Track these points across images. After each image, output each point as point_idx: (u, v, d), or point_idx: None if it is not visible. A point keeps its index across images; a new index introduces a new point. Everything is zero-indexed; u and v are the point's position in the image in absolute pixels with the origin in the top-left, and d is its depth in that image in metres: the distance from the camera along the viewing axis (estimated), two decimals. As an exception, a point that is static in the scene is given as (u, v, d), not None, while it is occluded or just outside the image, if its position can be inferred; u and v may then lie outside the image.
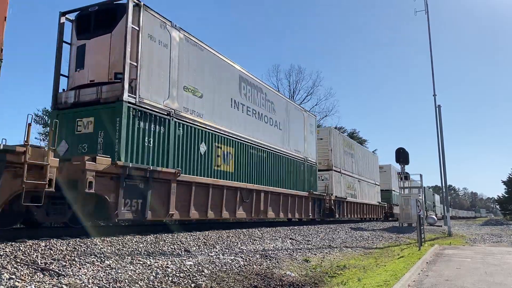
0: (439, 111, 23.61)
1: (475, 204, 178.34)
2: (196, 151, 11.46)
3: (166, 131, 10.34)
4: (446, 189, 25.41)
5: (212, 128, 12.27)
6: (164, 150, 10.22)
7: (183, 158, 10.88)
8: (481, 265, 8.84)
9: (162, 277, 5.74)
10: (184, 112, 11.08)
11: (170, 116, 10.50)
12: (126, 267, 5.90)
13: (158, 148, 10.02)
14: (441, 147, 23.12)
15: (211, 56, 12.71)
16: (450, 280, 6.95)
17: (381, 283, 6.85)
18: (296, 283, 6.73)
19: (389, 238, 16.68)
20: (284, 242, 11.37)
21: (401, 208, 24.86)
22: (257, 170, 14.82)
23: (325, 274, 7.81)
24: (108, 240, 7.41)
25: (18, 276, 4.80)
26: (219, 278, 6.22)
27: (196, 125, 11.54)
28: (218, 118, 12.63)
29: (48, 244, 6.33)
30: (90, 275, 5.23)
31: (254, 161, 14.61)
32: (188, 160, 11.09)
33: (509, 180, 55.65)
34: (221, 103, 12.95)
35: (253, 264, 7.54)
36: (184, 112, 11.08)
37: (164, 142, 10.22)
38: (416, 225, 14.30)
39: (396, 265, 9.06)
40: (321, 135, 23.06)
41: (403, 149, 25.09)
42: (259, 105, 15.55)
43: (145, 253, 7.11)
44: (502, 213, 65.65)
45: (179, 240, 8.71)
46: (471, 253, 11.48)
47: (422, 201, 26.17)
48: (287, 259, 8.58)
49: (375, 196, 32.39)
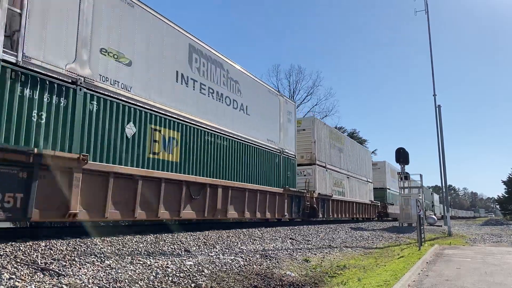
0: (439, 111, 23.60)
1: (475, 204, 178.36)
2: (120, 134, 8.96)
3: (71, 104, 7.90)
4: (446, 189, 25.41)
5: (147, 105, 9.76)
6: (66, 129, 7.79)
7: (98, 142, 8.41)
8: (481, 265, 8.84)
9: (162, 277, 5.74)
10: (100, 81, 8.61)
11: (77, 85, 8.06)
12: (126, 267, 5.90)
13: (56, 126, 7.60)
14: (441, 147, 23.13)
15: (147, 16, 10.10)
16: (450, 280, 6.94)
17: (381, 283, 6.85)
18: (296, 283, 6.73)
19: (389, 238, 16.68)
20: (284, 242, 11.37)
21: (401, 208, 24.85)
22: (216, 161, 12.31)
23: (325, 274, 7.81)
24: (108, 240, 7.41)
25: (18, 276, 4.80)
26: (219, 278, 6.22)
27: (121, 100, 9.06)
28: (156, 93, 10.15)
29: (48, 244, 6.33)
30: (90, 275, 5.23)
31: (211, 151, 12.09)
32: (106, 145, 8.60)
33: (509, 180, 55.65)
34: (161, 75, 10.44)
35: (253, 264, 7.54)
36: (100, 82, 8.60)
37: (66, 119, 7.80)
38: (416, 225, 14.30)
39: (396, 265, 9.06)
40: (303, 125, 20.83)
41: (403, 149, 25.09)
42: (219, 83, 12.86)
43: (145, 253, 7.12)
44: (502, 213, 65.64)
45: (179, 240, 8.71)
46: (471, 253, 11.48)
47: (422, 201, 26.15)
48: (287, 259, 8.58)
49: (367, 194, 30.08)
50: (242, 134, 13.93)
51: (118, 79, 9.12)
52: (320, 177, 20.94)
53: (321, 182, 20.89)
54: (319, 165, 20.90)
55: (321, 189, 20.67)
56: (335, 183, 23.14)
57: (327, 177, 21.92)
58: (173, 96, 10.79)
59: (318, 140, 21.22)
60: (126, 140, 9.16)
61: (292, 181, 17.48)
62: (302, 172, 20.03)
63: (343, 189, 24.52)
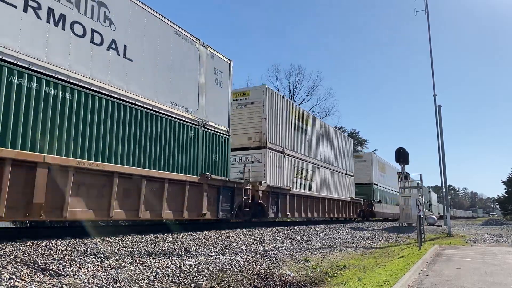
0: (439, 111, 23.60)
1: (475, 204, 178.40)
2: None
3: None
4: (446, 189, 25.41)
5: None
6: None
7: None
8: (481, 265, 8.84)
9: (162, 277, 5.74)
10: None
11: None
12: (126, 267, 5.90)
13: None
14: (441, 147, 23.13)
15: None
16: (450, 280, 6.95)
17: (381, 283, 6.85)
18: (296, 283, 6.73)
19: (389, 238, 16.69)
20: (284, 242, 11.38)
21: (401, 208, 24.85)
22: (54, 127, 7.54)
23: (325, 274, 7.81)
24: (108, 240, 7.41)
25: (18, 276, 4.80)
26: (219, 278, 6.23)
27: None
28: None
29: (48, 244, 6.33)
30: (90, 275, 5.23)
31: (40, 109, 7.34)
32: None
33: (509, 180, 55.67)
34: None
35: (253, 264, 7.54)
36: None
37: None
38: (416, 225, 14.30)
39: (396, 265, 9.06)
40: (252, 97, 16.20)
41: (403, 149, 25.10)
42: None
43: (145, 253, 7.12)
44: (502, 213, 65.65)
45: (179, 240, 8.72)
46: (471, 253, 11.48)
47: (422, 201, 26.14)
48: (287, 259, 8.58)
49: (346, 189, 25.63)
50: (110, 86, 8.86)
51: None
52: (273, 165, 16.22)
53: (274, 171, 16.18)
54: (272, 149, 16.25)
55: (274, 180, 16.01)
56: (298, 174, 18.51)
57: (284, 166, 17.13)
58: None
59: (272, 117, 16.53)
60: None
61: (223, 167, 12.51)
62: (249, 158, 15.73)
63: (310, 181, 19.85)
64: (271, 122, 16.41)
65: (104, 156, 8.49)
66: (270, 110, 16.47)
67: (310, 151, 20.44)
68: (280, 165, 16.88)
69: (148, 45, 10.12)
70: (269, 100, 16.45)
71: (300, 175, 18.81)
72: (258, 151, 15.81)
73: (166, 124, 10.38)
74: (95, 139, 8.33)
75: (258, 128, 16.02)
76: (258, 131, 16.01)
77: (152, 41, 10.24)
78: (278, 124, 17.17)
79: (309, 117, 21.06)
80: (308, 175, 19.81)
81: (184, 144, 10.97)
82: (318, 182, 21.02)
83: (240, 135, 16.01)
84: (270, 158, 15.99)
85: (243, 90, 16.81)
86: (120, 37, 9.33)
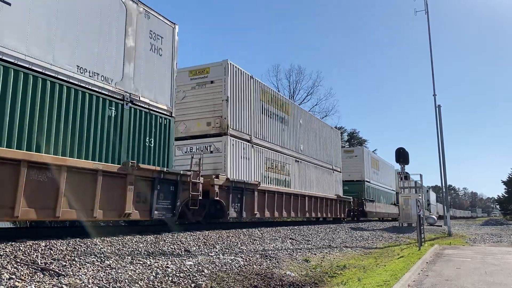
0: (439, 111, 23.62)
1: (475, 204, 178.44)
2: None
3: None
4: (446, 189, 25.42)
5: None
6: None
7: None
8: (481, 265, 8.84)
9: (162, 277, 5.74)
10: None
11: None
12: (126, 267, 5.90)
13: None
14: (441, 147, 23.14)
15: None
16: (450, 280, 6.95)
17: (381, 283, 6.85)
18: (296, 283, 6.74)
19: (389, 238, 16.69)
20: (284, 242, 11.38)
21: (401, 208, 24.87)
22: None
23: (325, 274, 7.81)
24: (108, 240, 7.41)
25: (18, 276, 4.80)
26: (219, 278, 6.23)
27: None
28: None
29: (48, 244, 6.33)
30: (90, 275, 5.23)
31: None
32: None
33: (509, 180, 55.66)
34: None
35: (253, 264, 7.54)
36: None
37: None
38: (416, 225, 14.30)
39: (396, 265, 9.06)
40: (212, 75, 13.64)
41: (403, 149, 25.11)
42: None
43: (145, 253, 7.12)
44: (502, 213, 65.66)
45: (179, 240, 8.72)
46: (471, 253, 11.48)
47: (422, 201, 26.13)
48: (287, 259, 8.58)
49: (332, 186, 23.20)
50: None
51: None
52: (237, 155, 13.67)
53: (238, 163, 13.68)
54: (236, 137, 13.72)
55: (237, 173, 13.57)
56: (271, 168, 16.03)
57: (252, 157, 14.64)
58: None
59: (236, 99, 13.88)
60: None
61: (162, 155, 10.08)
62: (208, 147, 13.25)
63: (287, 176, 17.43)
64: (234, 105, 13.77)
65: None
66: (234, 91, 13.82)
67: (287, 142, 17.84)
68: (247, 156, 14.30)
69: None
70: (233, 78, 13.84)
71: (274, 168, 16.26)
72: (218, 139, 13.24)
73: (70, 95, 7.80)
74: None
75: (218, 112, 13.37)
76: (218, 115, 13.36)
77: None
78: (245, 108, 14.49)
79: (287, 104, 18.47)
80: (285, 169, 17.23)
81: (100, 123, 8.43)
82: (297, 178, 18.40)
83: (198, 120, 13.62)
84: (233, 147, 13.49)
85: (201, 67, 14.01)
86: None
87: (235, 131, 13.69)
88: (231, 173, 13.15)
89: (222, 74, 13.58)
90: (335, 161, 24.44)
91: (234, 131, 13.67)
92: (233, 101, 13.71)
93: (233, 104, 13.72)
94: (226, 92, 13.42)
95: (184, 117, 13.74)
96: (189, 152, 13.33)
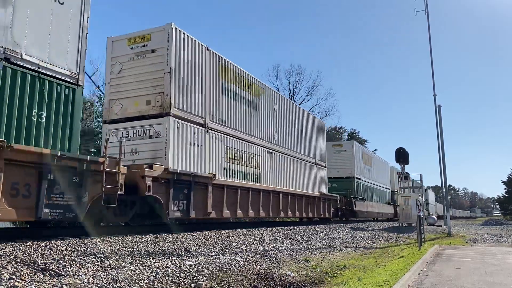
0: (439, 111, 23.63)
1: (475, 204, 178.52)
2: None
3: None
4: (446, 189, 25.44)
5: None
6: None
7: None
8: (481, 265, 8.84)
9: (162, 277, 5.74)
10: None
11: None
12: (126, 267, 5.90)
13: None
14: (441, 147, 23.15)
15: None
16: (450, 280, 6.95)
17: (381, 283, 6.85)
18: (296, 283, 6.74)
19: (389, 238, 16.70)
20: (284, 242, 11.38)
21: (401, 208, 24.88)
22: None
23: (325, 274, 7.82)
24: (108, 240, 7.41)
25: (18, 276, 4.81)
26: (219, 278, 6.23)
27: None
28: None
29: (48, 244, 6.34)
30: (90, 275, 5.23)
31: None
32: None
33: (509, 180, 55.70)
34: None
35: (253, 264, 7.54)
36: None
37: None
38: (416, 225, 14.31)
39: (396, 265, 9.06)
40: (154, 42, 11.26)
41: (403, 149, 25.15)
42: None
43: (145, 253, 7.12)
44: (502, 213, 65.69)
45: (179, 240, 8.72)
46: (471, 253, 11.48)
47: (422, 201, 26.14)
48: (287, 259, 8.59)
49: (315, 182, 20.66)
50: None
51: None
52: (183, 141, 11.18)
53: (184, 151, 11.15)
54: (182, 119, 11.20)
55: (183, 163, 11.05)
56: (233, 158, 13.48)
57: (207, 144, 12.14)
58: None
59: (183, 72, 11.37)
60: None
61: (61, 135, 7.82)
62: (147, 131, 10.88)
63: (256, 170, 14.88)
64: (181, 80, 11.26)
65: None
66: (181, 62, 11.34)
67: (257, 129, 15.37)
68: (199, 143, 11.81)
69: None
70: (180, 47, 11.36)
71: (238, 160, 13.75)
72: (159, 120, 10.79)
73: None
74: None
75: (159, 88, 10.93)
76: (160, 91, 10.91)
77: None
78: (197, 85, 11.94)
79: (257, 85, 15.71)
80: (253, 161, 14.67)
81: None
82: (270, 171, 15.94)
83: (137, 99, 11.22)
84: (179, 132, 11.02)
85: (141, 33, 11.60)
86: None
87: (181, 112, 11.19)
88: (175, 162, 10.69)
89: (165, 41, 11.09)
90: (319, 154, 21.88)
91: (180, 111, 11.16)
92: (179, 75, 11.21)
93: (180, 79, 11.24)
94: (169, 62, 10.89)
95: (120, 94, 11.45)
96: (125, 137, 11.14)
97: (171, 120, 10.75)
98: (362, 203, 28.40)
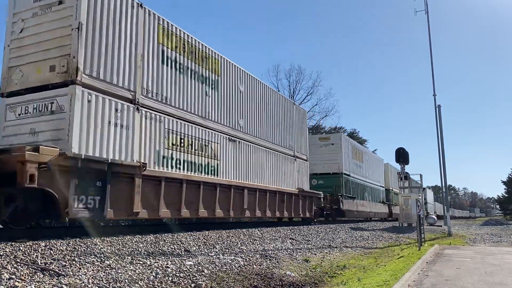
0: (439, 111, 23.62)
1: (475, 204, 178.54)
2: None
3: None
4: (446, 189, 25.45)
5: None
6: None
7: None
8: (481, 265, 8.84)
9: (162, 277, 5.74)
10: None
11: None
12: (126, 267, 5.90)
13: None
14: (441, 147, 23.14)
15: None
16: (450, 280, 6.95)
17: (381, 283, 6.85)
18: (296, 283, 6.74)
19: (389, 238, 16.70)
20: (284, 242, 11.38)
21: (401, 208, 24.89)
22: None
23: (325, 274, 7.82)
24: (108, 240, 7.41)
25: (18, 276, 4.80)
26: (219, 278, 6.23)
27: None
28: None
29: (48, 244, 6.34)
30: (90, 275, 5.23)
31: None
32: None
33: (509, 180, 55.70)
34: None
35: (253, 264, 7.54)
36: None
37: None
38: (416, 225, 14.31)
39: (396, 265, 9.06)
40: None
41: (403, 149, 25.15)
42: None
43: (145, 253, 7.12)
44: (502, 213, 65.69)
45: (179, 240, 8.72)
46: (471, 253, 11.48)
47: (422, 201, 26.13)
48: (287, 259, 8.59)
49: (293, 178, 18.05)
50: None
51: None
52: (98, 119, 8.65)
53: (99, 131, 8.62)
54: (97, 89, 8.68)
55: (98, 146, 8.57)
56: (177, 145, 10.87)
57: (137, 125, 9.58)
58: None
59: (98, 29, 8.84)
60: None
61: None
62: (49, 106, 8.39)
63: (212, 160, 12.33)
64: (96, 39, 8.75)
65: None
66: (97, 18, 8.79)
67: (215, 112, 12.74)
68: (125, 122, 9.28)
69: None
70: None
71: (186, 148, 11.17)
72: (63, 90, 8.26)
73: None
74: None
75: (66, 49, 8.40)
76: (66, 53, 8.38)
77: None
78: (121, 49, 9.39)
79: (216, 60, 13.03)
80: (208, 149, 12.14)
81: None
82: (232, 163, 13.36)
83: (39, 64, 8.75)
84: (90, 105, 8.46)
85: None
86: None
87: (95, 80, 8.63)
88: (82, 146, 8.19)
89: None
90: (299, 146, 19.06)
91: (94, 80, 8.61)
92: (93, 33, 8.68)
93: (94, 38, 8.71)
94: (79, 16, 8.34)
95: (21, 60, 9.01)
96: (24, 114, 8.70)
97: (78, 90, 8.19)
98: (351, 202, 25.86)
